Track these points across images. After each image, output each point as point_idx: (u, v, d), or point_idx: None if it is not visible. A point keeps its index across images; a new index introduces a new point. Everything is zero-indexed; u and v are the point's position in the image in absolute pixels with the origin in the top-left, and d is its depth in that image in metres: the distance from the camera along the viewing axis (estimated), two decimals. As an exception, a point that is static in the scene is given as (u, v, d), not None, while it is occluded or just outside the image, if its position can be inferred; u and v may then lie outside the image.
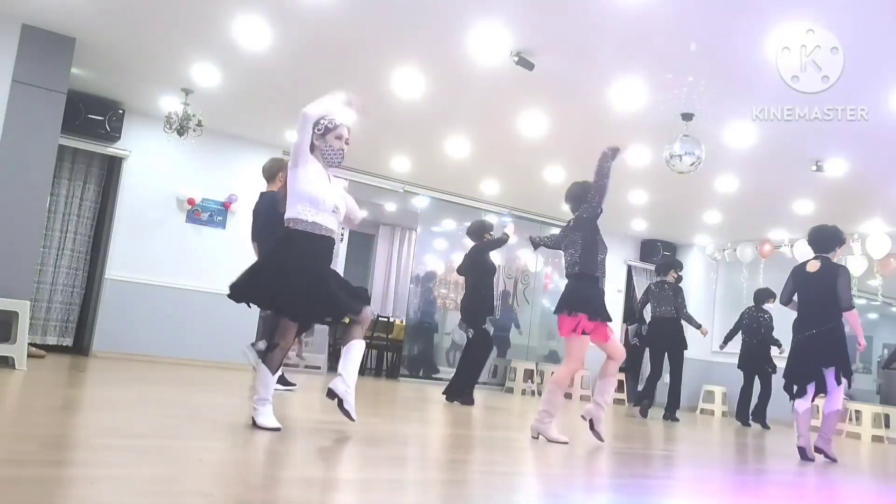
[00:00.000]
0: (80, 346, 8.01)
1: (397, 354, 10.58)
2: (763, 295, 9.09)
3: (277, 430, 3.52)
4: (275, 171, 6.08)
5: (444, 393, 7.10)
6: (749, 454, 5.86)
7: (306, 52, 5.94)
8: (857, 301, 6.09)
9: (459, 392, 6.98)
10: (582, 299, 4.56)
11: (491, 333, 7.38)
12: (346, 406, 3.69)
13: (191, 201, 8.24)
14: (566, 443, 4.52)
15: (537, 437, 4.59)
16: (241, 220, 8.53)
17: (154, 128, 7.69)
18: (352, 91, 3.80)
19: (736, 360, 9.49)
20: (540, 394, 10.11)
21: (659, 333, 8.42)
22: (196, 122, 7.27)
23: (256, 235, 5.97)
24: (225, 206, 8.46)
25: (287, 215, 3.61)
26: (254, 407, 3.61)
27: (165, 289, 8.04)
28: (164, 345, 7.90)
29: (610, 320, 4.66)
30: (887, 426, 8.62)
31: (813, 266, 5.46)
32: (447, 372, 11.20)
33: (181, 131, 7.25)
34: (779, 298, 5.72)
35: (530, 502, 2.88)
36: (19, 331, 5.66)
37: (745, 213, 9.44)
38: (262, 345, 5.73)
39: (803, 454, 5.25)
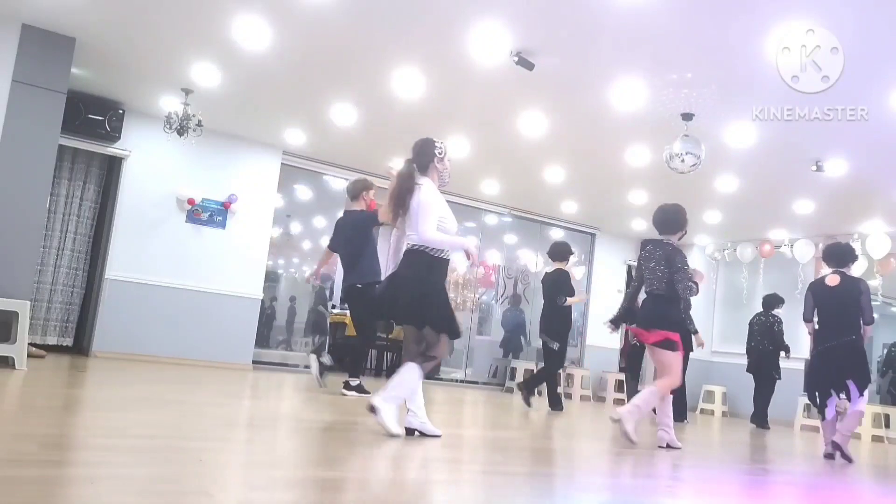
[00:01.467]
0: (80, 346, 8.01)
1: (397, 354, 10.57)
2: (772, 300, 9.13)
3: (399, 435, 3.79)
4: (358, 190, 6.53)
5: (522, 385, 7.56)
6: (750, 453, 5.86)
7: (306, 52, 5.94)
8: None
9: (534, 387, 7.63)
10: (680, 320, 5.00)
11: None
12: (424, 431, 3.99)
13: (191, 201, 8.24)
14: (679, 448, 4.86)
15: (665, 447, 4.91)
16: (241, 221, 8.56)
17: (154, 128, 7.68)
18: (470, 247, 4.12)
19: (737, 360, 9.52)
20: (540, 394, 10.10)
21: None
22: (196, 122, 7.27)
23: (338, 248, 6.56)
24: (225, 206, 8.45)
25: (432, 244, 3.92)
26: (412, 412, 3.94)
27: (165, 289, 8.04)
28: (164, 345, 7.90)
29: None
30: (887, 426, 8.62)
31: (833, 280, 5.62)
32: (447, 372, 11.21)
33: (181, 131, 7.24)
34: (802, 315, 5.81)
35: (530, 502, 2.88)
36: (19, 331, 5.66)
37: (745, 213, 9.44)
38: (327, 359, 6.33)
39: (839, 454, 5.39)
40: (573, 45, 5.31)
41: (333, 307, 11.17)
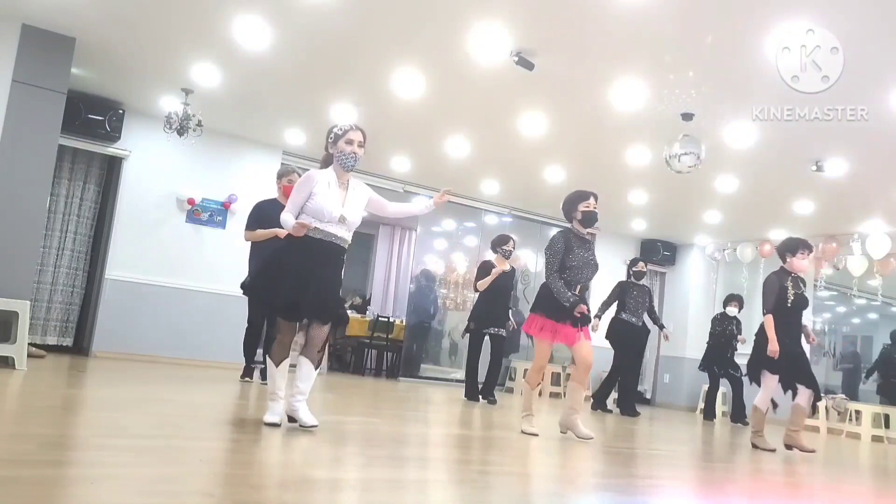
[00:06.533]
0: (80, 346, 8.01)
1: (397, 354, 10.58)
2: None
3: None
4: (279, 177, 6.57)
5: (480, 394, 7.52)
6: (746, 453, 5.86)
7: (306, 52, 5.94)
8: (857, 301, 6.12)
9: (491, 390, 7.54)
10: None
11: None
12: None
13: (191, 201, 8.24)
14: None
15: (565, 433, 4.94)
16: (241, 220, 8.53)
17: (154, 128, 7.69)
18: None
19: (737, 360, 9.51)
20: (540, 393, 10.10)
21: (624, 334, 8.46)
22: (196, 122, 7.27)
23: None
24: (225, 206, 8.46)
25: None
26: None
27: (165, 289, 8.04)
28: (164, 345, 7.90)
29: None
30: (887, 426, 8.62)
31: None
32: (447, 372, 11.20)
33: (181, 131, 7.25)
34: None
35: (530, 502, 2.88)
36: (19, 331, 5.66)
37: (745, 213, 9.44)
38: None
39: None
40: (573, 45, 5.31)
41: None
